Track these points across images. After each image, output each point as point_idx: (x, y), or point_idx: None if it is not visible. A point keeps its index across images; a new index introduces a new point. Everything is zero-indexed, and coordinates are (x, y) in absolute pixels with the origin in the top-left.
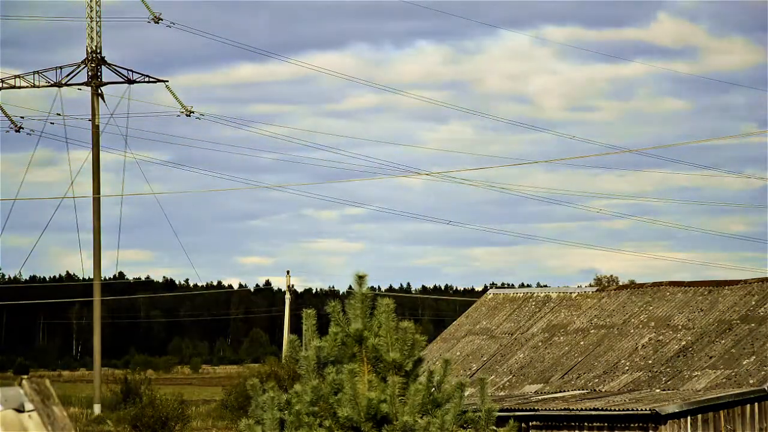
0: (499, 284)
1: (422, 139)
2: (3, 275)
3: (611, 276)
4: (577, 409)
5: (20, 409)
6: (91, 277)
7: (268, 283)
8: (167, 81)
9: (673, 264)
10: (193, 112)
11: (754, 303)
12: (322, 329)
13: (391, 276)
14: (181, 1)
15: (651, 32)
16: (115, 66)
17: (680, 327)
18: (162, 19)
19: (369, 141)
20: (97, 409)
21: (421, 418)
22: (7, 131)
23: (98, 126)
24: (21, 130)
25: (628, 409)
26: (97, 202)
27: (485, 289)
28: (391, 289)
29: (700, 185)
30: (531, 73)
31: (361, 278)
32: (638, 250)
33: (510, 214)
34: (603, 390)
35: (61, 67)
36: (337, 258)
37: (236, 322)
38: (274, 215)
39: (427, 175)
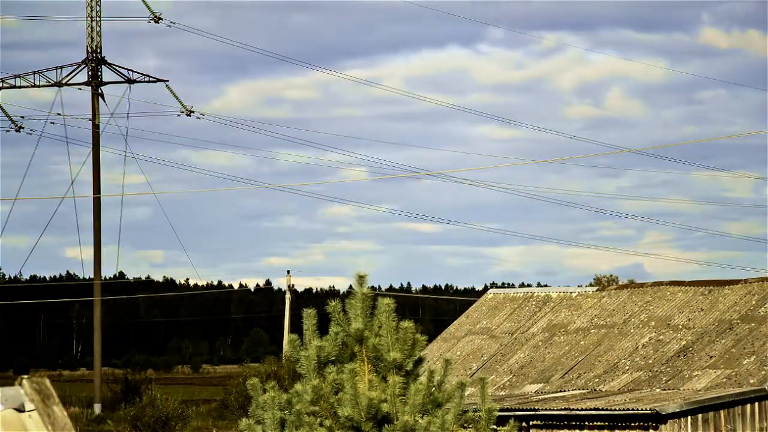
0: (499, 284)
1: (479, 142)
2: (3, 275)
3: (611, 276)
4: (578, 409)
5: (20, 409)
6: (92, 276)
7: (268, 282)
8: (167, 81)
9: (675, 264)
10: (193, 112)
11: (754, 303)
12: (322, 329)
13: (403, 276)
14: (239, 2)
15: (702, 34)
16: (115, 66)
17: (680, 327)
18: (162, 19)
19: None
20: (97, 408)
21: (422, 417)
22: (8, 131)
23: (98, 126)
24: (21, 129)
25: (628, 409)
26: (97, 202)
27: (485, 289)
28: (391, 288)
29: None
30: (598, 75)
31: (361, 278)
32: (639, 249)
33: (518, 214)
34: (603, 390)
35: (61, 67)
36: (348, 258)
37: (236, 322)
38: (287, 216)
39: (429, 174)
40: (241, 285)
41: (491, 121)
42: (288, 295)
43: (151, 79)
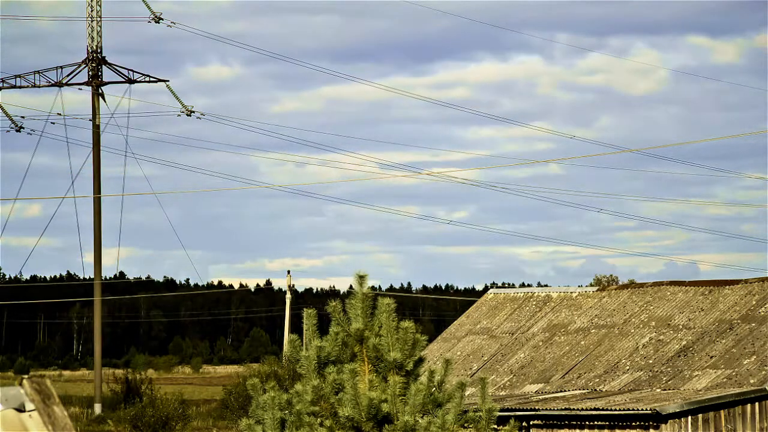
0: (500, 284)
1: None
2: (3, 275)
3: (611, 276)
4: (578, 409)
5: (21, 409)
6: (92, 276)
7: (268, 282)
8: (168, 81)
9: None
10: (193, 112)
11: (754, 302)
12: (322, 329)
13: (420, 276)
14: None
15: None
16: (116, 66)
17: (681, 327)
18: (162, 19)
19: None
20: (97, 408)
21: (422, 417)
22: (8, 131)
23: (99, 125)
24: (22, 129)
25: (628, 409)
26: (97, 201)
27: (486, 289)
28: (391, 288)
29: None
30: (667, 79)
31: (361, 278)
32: (639, 249)
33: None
34: (604, 390)
35: (61, 67)
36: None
37: (236, 322)
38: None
39: (429, 174)
40: (241, 285)
41: (558, 125)
42: (288, 295)
43: (151, 79)
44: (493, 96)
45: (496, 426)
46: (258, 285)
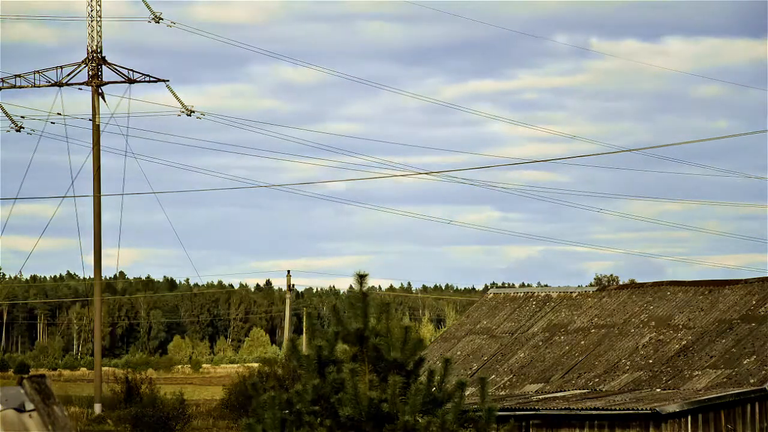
0: (499, 284)
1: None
2: (3, 275)
3: (611, 275)
4: (578, 409)
5: (21, 409)
6: (92, 276)
7: (268, 282)
8: (168, 80)
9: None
10: (193, 112)
11: (754, 302)
12: (322, 329)
13: (427, 276)
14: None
15: None
16: (116, 66)
17: (681, 326)
18: (162, 19)
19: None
20: (97, 408)
21: (422, 417)
22: (8, 131)
23: (99, 125)
24: (22, 129)
25: (628, 409)
26: (97, 201)
27: (486, 289)
28: (391, 288)
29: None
30: (728, 84)
31: (361, 278)
32: (641, 249)
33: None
34: (603, 389)
35: (61, 67)
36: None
37: (236, 322)
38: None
39: (428, 174)
40: (241, 285)
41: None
42: (288, 295)
43: (151, 79)
44: (555, 100)
45: (496, 426)
46: (258, 285)
